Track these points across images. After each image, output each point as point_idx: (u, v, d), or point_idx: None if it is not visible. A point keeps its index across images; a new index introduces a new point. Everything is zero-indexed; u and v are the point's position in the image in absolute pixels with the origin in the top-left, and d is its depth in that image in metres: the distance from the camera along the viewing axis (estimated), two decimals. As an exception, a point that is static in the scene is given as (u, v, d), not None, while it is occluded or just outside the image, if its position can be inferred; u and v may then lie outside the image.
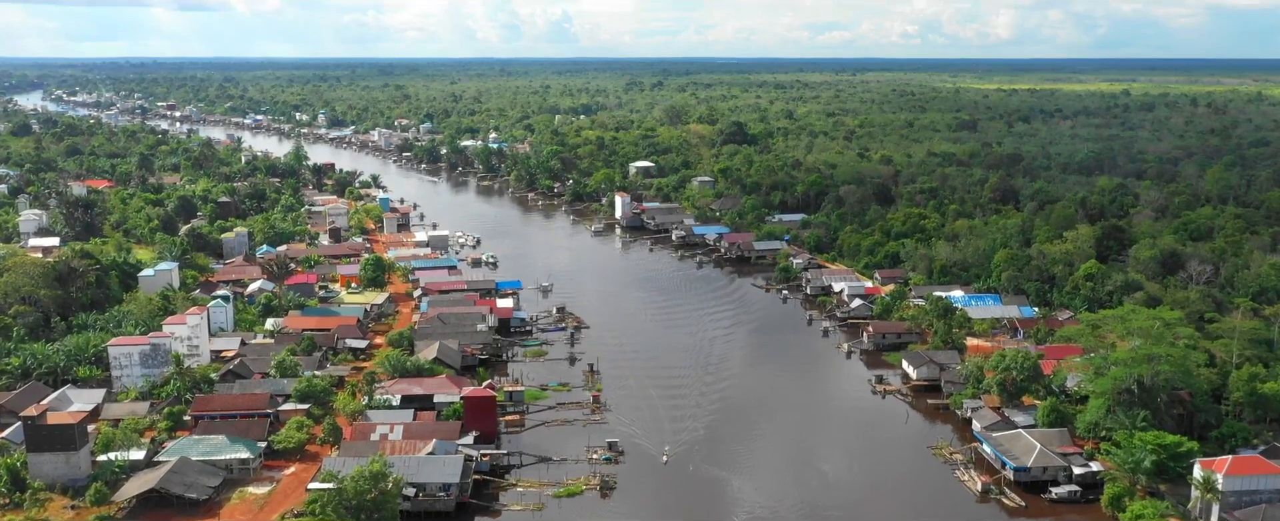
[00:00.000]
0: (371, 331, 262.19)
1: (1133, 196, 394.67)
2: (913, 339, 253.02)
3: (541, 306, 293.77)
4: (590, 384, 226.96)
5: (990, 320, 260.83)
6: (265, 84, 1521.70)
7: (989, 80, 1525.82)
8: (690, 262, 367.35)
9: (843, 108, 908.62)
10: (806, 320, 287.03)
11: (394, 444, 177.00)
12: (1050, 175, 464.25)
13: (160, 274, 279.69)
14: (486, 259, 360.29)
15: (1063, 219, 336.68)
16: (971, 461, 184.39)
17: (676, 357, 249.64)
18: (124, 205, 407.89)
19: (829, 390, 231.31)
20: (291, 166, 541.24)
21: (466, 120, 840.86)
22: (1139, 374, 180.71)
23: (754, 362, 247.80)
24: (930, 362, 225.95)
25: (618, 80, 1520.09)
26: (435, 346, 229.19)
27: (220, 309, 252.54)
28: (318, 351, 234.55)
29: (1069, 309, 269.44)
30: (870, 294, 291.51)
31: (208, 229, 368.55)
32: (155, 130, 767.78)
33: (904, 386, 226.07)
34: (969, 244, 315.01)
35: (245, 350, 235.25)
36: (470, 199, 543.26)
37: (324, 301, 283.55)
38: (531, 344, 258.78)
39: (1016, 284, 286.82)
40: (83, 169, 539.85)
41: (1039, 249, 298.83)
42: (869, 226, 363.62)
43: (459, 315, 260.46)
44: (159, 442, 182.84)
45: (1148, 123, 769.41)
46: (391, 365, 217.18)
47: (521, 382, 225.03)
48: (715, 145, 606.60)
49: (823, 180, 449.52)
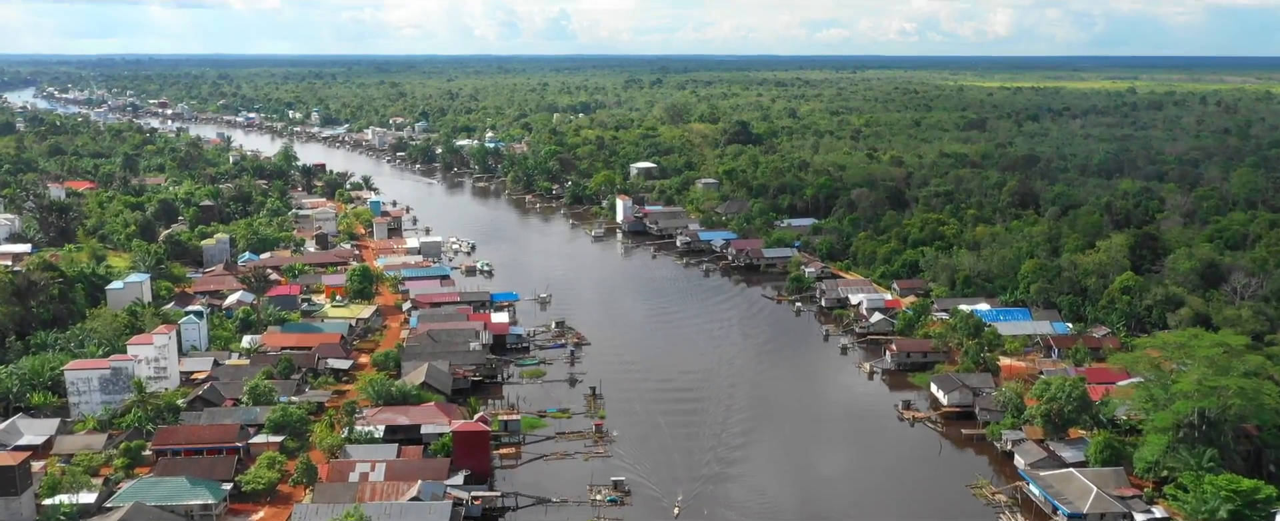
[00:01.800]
0: (356, 350, 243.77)
1: (1158, 200, 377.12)
2: (939, 358, 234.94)
3: (539, 320, 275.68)
4: (592, 410, 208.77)
5: (1022, 337, 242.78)
6: (260, 81, 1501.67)
7: (990, 78, 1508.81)
8: (696, 271, 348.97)
9: (846, 106, 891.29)
10: (822, 335, 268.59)
11: (375, 486, 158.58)
12: (1068, 178, 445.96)
13: (130, 286, 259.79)
14: (481, 267, 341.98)
15: (1090, 226, 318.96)
16: (1017, 504, 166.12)
17: (686, 380, 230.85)
18: (102, 209, 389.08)
19: (852, 417, 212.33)
20: (280, 167, 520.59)
21: (463, 119, 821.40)
22: (1204, 407, 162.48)
23: (768, 385, 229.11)
24: (962, 387, 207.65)
25: (616, 78, 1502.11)
26: (424, 369, 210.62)
27: (192, 325, 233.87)
28: (296, 374, 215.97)
29: (1104, 325, 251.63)
30: (889, 307, 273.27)
31: (188, 235, 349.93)
32: (143, 129, 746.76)
33: (933, 413, 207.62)
34: (993, 253, 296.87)
35: (217, 372, 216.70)
36: (465, 201, 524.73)
37: (306, 316, 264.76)
38: (528, 363, 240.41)
39: (1046, 297, 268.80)
40: (64, 170, 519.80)
41: (1069, 259, 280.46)
42: (884, 233, 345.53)
43: (450, 332, 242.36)
44: (114, 483, 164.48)
45: (1159, 122, 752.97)
46: (375, 391, 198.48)
47: (518, 408, 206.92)
48: (719, 145, 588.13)
49: (832, 183, 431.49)
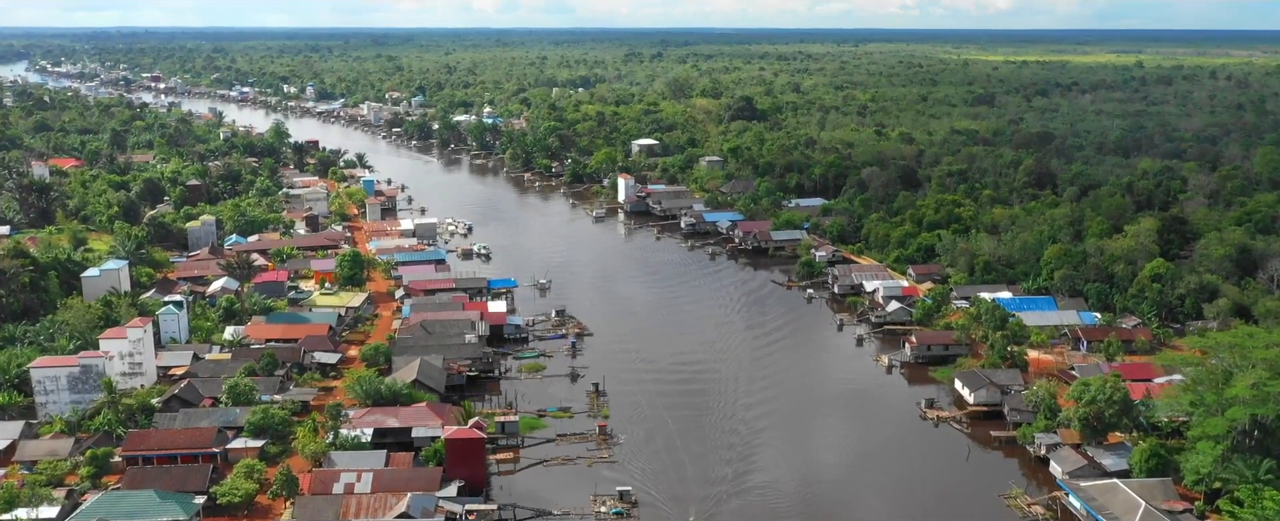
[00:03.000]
0: (345, 341, 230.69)
1: (1180, 180, 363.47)
2: (961, 351, 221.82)
3: (538, 307, 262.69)
4: (595, 408, 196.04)
5: (1048, 329, 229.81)
6: (255, 55, 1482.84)
7: (994, 52, 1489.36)
8: (701, 254, 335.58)
9: (850, 80, 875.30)
10: (836, 325, 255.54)
11: (360, 499, 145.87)
12: (1085, 156, 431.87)
13: (107, 274, 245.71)
14: (479, 250, 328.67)
15: (1113, 208, 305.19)
16: (1056, 516, 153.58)
17: (693, 374, 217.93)
18: (84, 189, 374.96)
19: (872, 416, 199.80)
20: (271, 144, 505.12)
21: (460, 93, 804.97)
22: (1261, 414, 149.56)
23: (781, 379, 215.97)
24: (990, 384, 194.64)
25: (616, 51, 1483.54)
26: (416, 365, 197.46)
27: (171, 316, 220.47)
28: (280, 370, 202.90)
29: (1134, 314, 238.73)
30: (907, 295, 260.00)
31: (173, 216, 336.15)
32: (133, 104, 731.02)
33: (959, 412, 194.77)
34: (1014, 237, 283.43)
35: (197, 368, 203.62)
36: (463, 179, 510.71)
37: (294, 304, 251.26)
38: (527, 355, 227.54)
39: (1072, 284, 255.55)
40: (50, 146, 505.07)
41: (1096, 243, 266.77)
42: (897, 215, 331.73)
43: (445, 322, 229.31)
44: (79, 494, 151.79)
45: (1170, 97, 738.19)
46: (363, 390, 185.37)
47: (516, 407, 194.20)
48: (722, 121, 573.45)
49: (841, 161, 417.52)
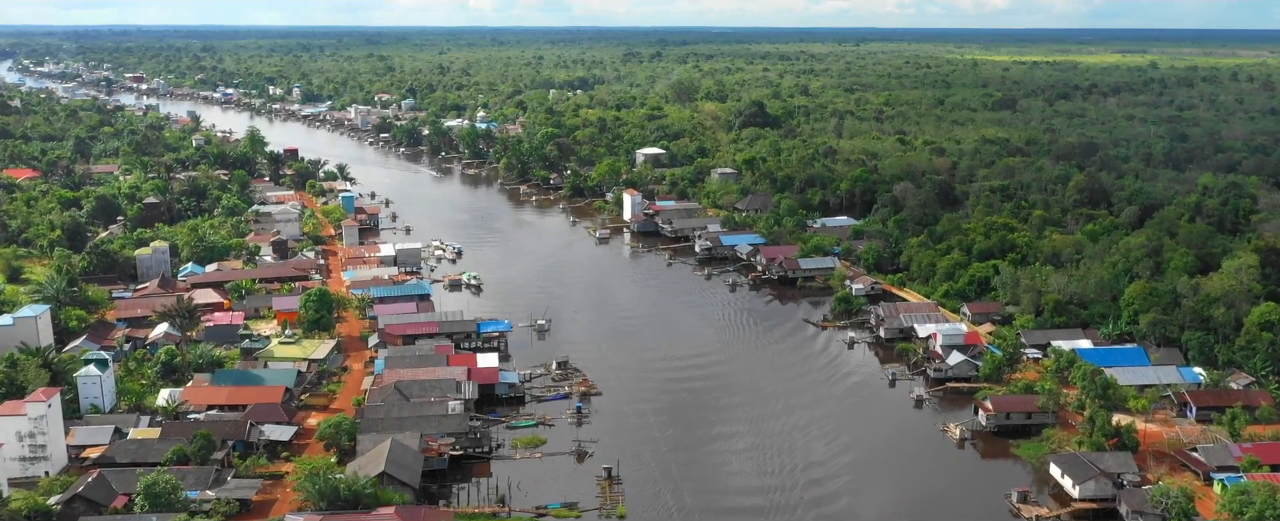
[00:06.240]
0: (303, 408, 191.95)
1: (1249, 199, 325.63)
2: (1047, 420, 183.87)
3: (536, 355, 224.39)
4: (608, 503, 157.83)
5: (1149, 390, 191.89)
6: (244, 54, 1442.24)
7: (995, 51, 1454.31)
8: (720, 284, 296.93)
9: (858, 82, 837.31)
10: (888, 380, 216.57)
11: None
12: (1133, 169, 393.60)
13: (21, 323, 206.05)
14: (468, 280, 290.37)
15: (1194, 236, 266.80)
16: None
17: (726, 454, 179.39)
18: (29, 208, 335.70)
19: (950, 511, 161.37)
20: (245, 154, 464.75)
21: (453, 96, 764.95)
22: None
23: (832, 455, 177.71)
24: (1100, 476, 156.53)
25: (614, 50, 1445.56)
26: (385, 449, 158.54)
27: (92, 381, 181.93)
28: (219, 451, 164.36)
29: (1242, 369, 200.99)
30: (969, 343, 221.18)
31: (122, 241, 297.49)
32: (103, 108, 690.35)
33: (1060, 511, 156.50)
34: (1087, 271, 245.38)
35: (116, 449, 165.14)
36: (454, 191, 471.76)
37: (247, 356, 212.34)
38: (523, 424, 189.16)
39: (1162, 331, 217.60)
40: (6, 156, 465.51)
41: (1187, 282, 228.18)
42: (941, 240, 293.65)
43: (425, 384, 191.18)
44: None
45: (1197, 100, 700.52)
46: (315, 488, 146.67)
47: (509, 504, 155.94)
48: (733, 127, 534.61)
49: (868, 174, 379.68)
